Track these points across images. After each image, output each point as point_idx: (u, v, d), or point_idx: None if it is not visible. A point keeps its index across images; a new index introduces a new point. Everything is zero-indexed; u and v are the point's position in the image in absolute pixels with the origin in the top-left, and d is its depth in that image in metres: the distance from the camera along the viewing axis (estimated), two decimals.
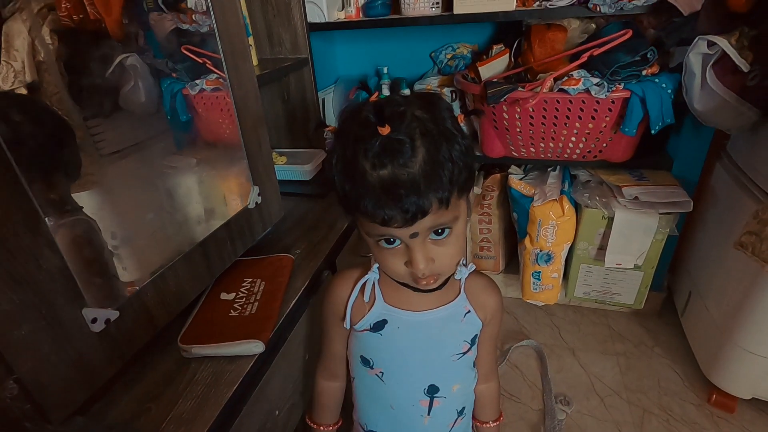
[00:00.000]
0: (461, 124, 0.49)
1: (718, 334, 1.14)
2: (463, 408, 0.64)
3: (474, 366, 0.64)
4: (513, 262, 1.64)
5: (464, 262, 0.59)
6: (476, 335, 0.61)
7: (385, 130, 0.42)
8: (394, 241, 0.48)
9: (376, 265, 0.58)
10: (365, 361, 0.61)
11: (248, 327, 0.64)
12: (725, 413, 1.18)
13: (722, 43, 0.91)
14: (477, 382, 0.66)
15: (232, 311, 0.68)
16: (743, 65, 0.90)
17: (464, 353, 0.60)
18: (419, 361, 0.59)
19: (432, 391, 0.60)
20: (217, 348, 0.61)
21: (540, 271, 1.37)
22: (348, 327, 0.61)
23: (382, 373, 0.60)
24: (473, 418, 0.70)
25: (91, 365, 0.51)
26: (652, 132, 1.11)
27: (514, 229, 1.49)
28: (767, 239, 0.86)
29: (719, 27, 0.95)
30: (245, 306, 0.69)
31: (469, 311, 0.59)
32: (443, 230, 0.48)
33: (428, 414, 0.61)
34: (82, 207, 0.51)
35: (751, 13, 0.91)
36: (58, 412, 0.49)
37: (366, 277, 0.59)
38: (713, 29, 0.94)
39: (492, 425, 0.70)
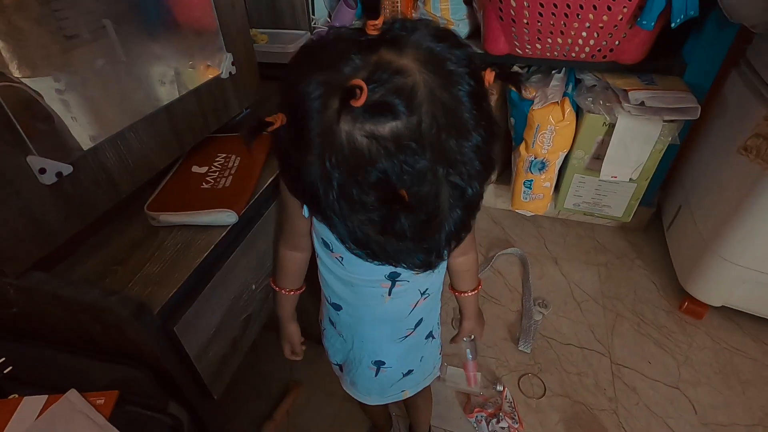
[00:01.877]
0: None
1: (701, 245, 1.15)
2: (427, 289, 0.62)
3: None
4: (505, 173, 1.60)
5: None
6: None
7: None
8: None
9: None
10: (326, 244, 0.58)
11: (221, 199, 0.60)
12: (693, 319, 1.23)
13: None
14: (455, 257, 0.64)
15: (204, 184, 0.63)
16: None
17: None
18: None
19: (393, 276, 0.57)
20: (187, 216, 0.57)
21: (532, 180, 1.34)
22: (307, 216, 0.56)
23: (342, 258, 0.57)
24: (452, 289, 0.70)
25: (45, 220, 0.47)
26: (672, 25, 1.01)
27: (510, 137, 1.43)
28: None
29: None
30: (218, 180, 0.64)
31: None
32: None
33: (389, 294, 0.59)
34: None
35: None
36: (11, 265, 0.46)
37: None
38: None
39: (470, 294, 0.69)
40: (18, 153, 0.44)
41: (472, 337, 0.78)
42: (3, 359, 0.52)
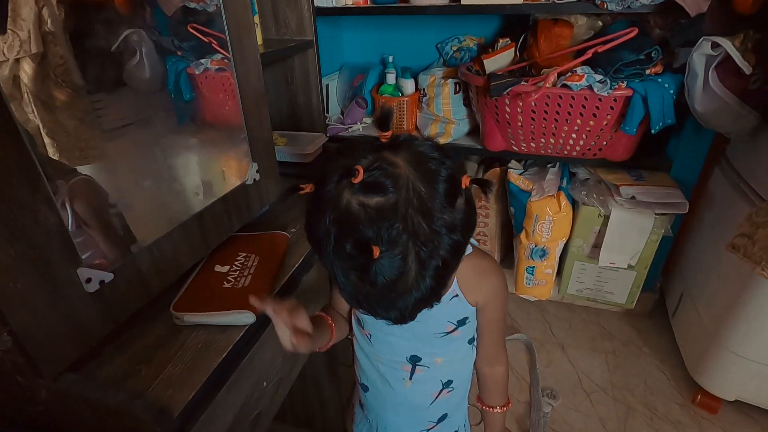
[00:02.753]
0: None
1: (706, 336, 1.16)
2: (450, 381, 0.64)
3: (470, 343, 0.65)
4: (508, 257, 1.65)
5: None
6: (466, 318, 0.61)
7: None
8: None
9: None
10: (359, 321, 0.65)
11: (240, 298, 0.65)
12: (708, 414, 1.20)
13: (726, 44, 0.91)
14: (481, 365, 0.67)
15: (225, 283, 0.68)
16: (746, 68, 0.90)
17: (449, 333, 0.61)
18: (401, 331, 0.60)
19: (414, 359, 0.62)
20: (208, 316, 0.62)
21: (534, 266, 1.38)
22: None
23: (370, 335, 0.63)
24: (480, 401, 0.71)
25: (84, 324, 0.52)
26: (652, 131, 1.12)
27: (511, 224, 1.50)
28: (759, 242, 0.87)
29: (724, 28, 0.95)
30: (239, 279, 0.69)
31: (456, 295, 0.59)
32: None
33: (410, 379, 0.63)
34: (75, 168, 0.51)
35: (757, 15, 0.91)
36: (50, 367, 0.50)
37: None
38: (718, 30, 0.94)
39: (498, 411, 0.69)
40: (70, 266, 0.50)
41: None
42: None
